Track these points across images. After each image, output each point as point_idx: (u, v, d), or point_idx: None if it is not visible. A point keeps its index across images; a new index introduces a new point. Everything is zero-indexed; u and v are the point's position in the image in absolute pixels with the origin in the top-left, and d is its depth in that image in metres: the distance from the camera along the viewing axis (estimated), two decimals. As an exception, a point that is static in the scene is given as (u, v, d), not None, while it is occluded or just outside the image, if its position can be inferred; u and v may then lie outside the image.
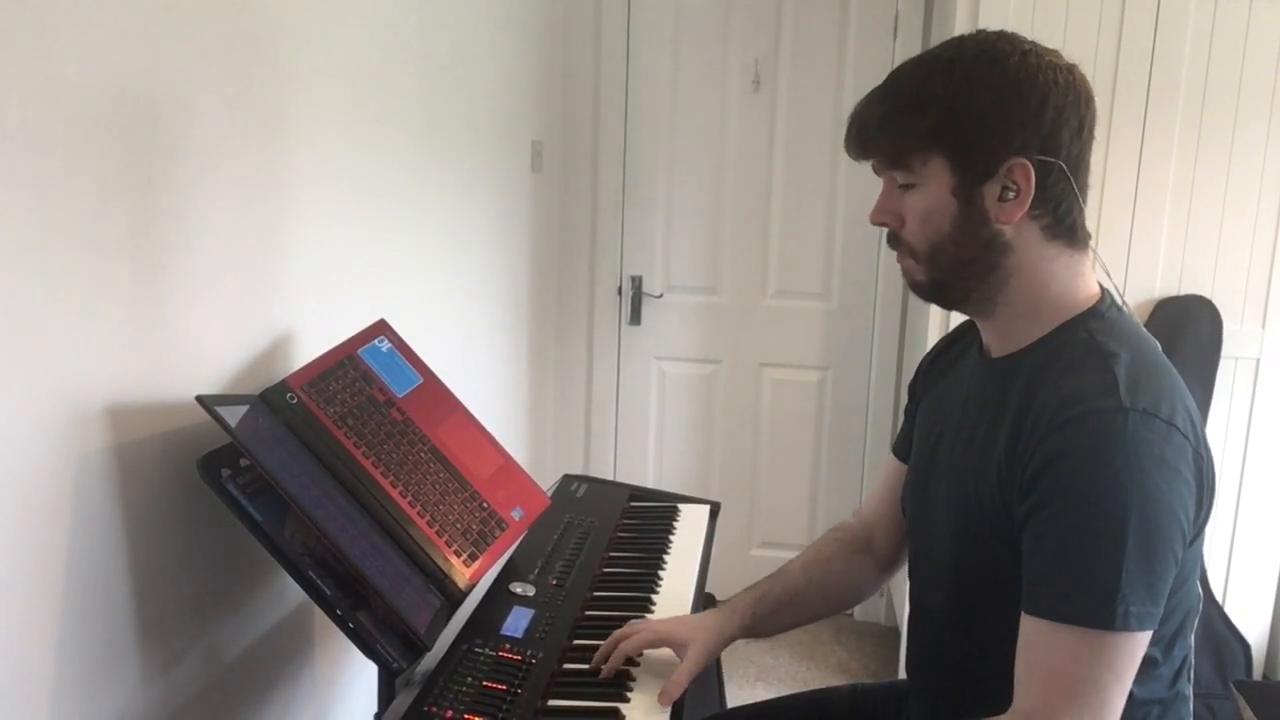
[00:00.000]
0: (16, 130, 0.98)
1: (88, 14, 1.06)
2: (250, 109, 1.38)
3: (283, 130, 1.47)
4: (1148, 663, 1.09)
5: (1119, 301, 1.15)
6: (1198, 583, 1.13)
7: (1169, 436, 1.00)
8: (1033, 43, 1.08)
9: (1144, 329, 1.13)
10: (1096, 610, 0.98)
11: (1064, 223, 1.10)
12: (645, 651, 1.32)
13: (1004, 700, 1.05)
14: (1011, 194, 1.06)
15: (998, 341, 1.17)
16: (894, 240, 1.15)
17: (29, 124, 0.99)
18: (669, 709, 1.23)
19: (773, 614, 1.37)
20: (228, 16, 1.32)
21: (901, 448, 1.39)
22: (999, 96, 1.05)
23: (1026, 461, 1.04)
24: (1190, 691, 1.16)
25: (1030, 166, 1.05)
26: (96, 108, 1.09)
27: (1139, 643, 1.01)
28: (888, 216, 1.14)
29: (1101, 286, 1.15)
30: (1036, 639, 1.03)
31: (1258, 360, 2.51)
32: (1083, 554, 0.99)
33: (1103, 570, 0.98)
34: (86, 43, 1.07)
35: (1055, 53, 1.09)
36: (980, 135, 1.05)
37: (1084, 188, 1.10)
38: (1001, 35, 1.09)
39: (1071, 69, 1.08)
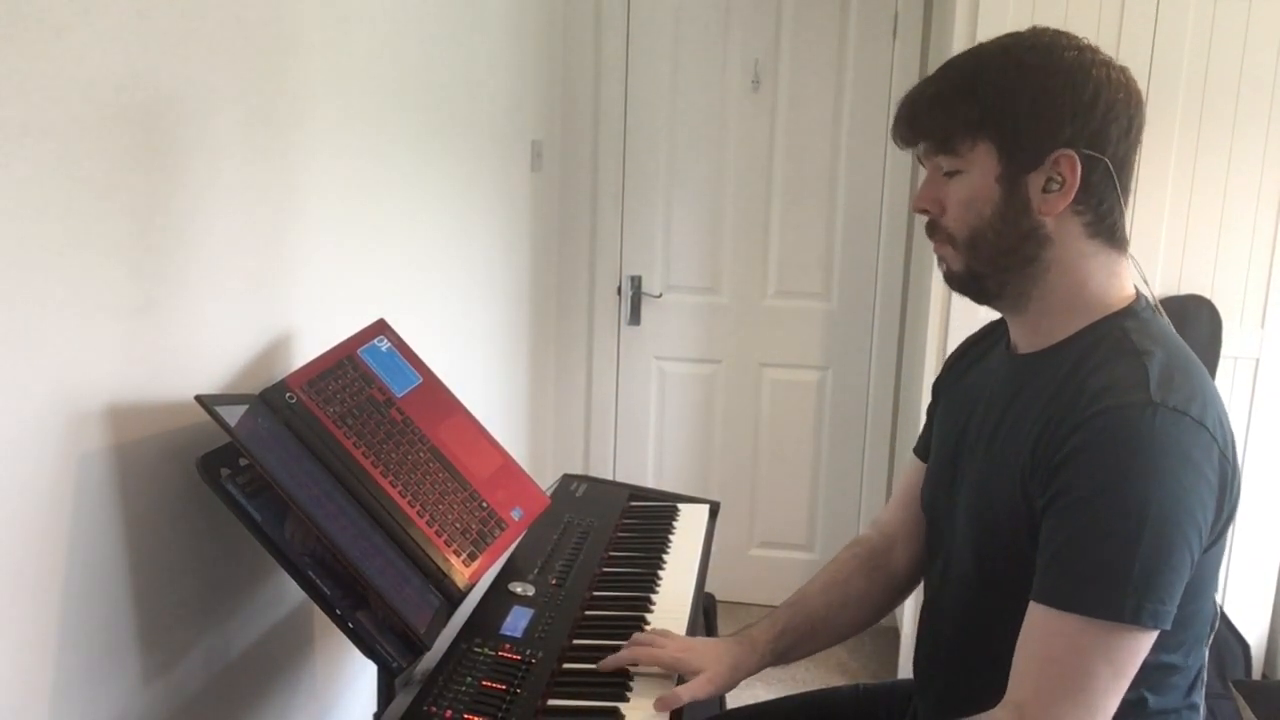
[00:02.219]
0: (19, 128, 0.98)
1: (92, 14, 1.06)
2: (251, 109, 1.38)
3: (282, 131, 1.47)
4: (1167, 670, 1.08)
5: (1154, 305, 1.14)
6: (1215, 593, 1.13)
7: (1197, 435, 0.99)
8: (1090, 43, 1.09)
9: (1176, 333, 1.13)
10: (1104, 600, 0.97)
11: (1105, 221, 1.09)
12: None
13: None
14: (1056, 186, 1.06)
15: (1028, 337, 1.16)
16: (932, 228, 1.15)
17: (32, 122, 0.99)
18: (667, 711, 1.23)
19: (794, 646, 1.34)
20: (228, 19, 1.32)
21: (922, 448, 1.39)
22: (1052, 85, 1.05)
23: (1053, 454, 1.03)
24: (1201, 702, 1.15)
25: (1077, 159, 1.05)
26: (99, 108, 1.08)
27: (1144, 641, 1.00)
28: (930, 204, 1.14)
29: (1136, 289, 1.14)
30: (1039, 626, 1.02)
31: (1257, 360, 2.51)
32: (1096, 544, 0.98)
33: (1115, 562, 0.97)
34: (92, 43, 1.06)
35: (1109, 55, 1.09)
36: (1030, 123, 1.06)
37: (1126, 190, 1.10)
38: (1059, 31, 1.10)
39: (1124, 70, 1.08)
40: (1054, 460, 1.03)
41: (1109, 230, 1.10)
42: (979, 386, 1.24)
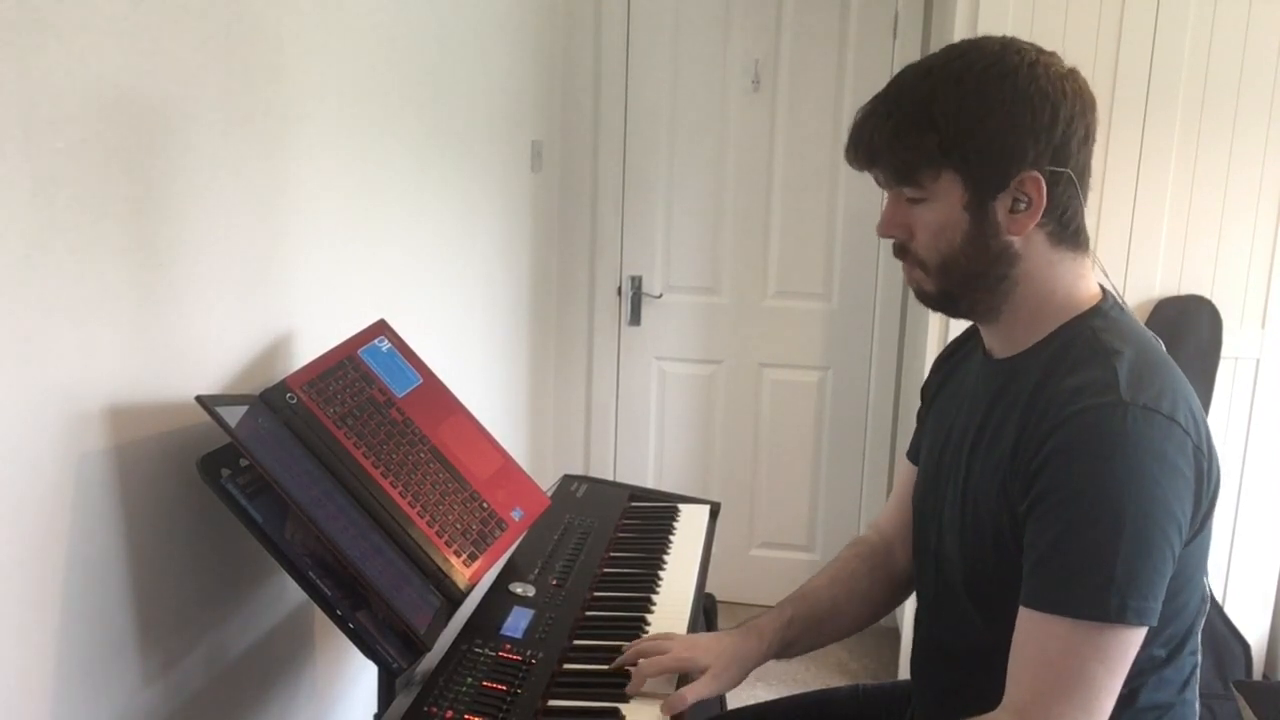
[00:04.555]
0: (17, 131, 0.98)
1: (88, 17, 1.06)
2: (251, 110, 1.38)
3: (283, 131, 1.47)
4: (1154, 663, 1.09)
5: (1120, 302, 1.15)
6: (1205, 585, 1.13)
7: (1170, 432, 1.01)
8: (1035, 49, 1.08)
9: (1146, 328, 1.14)
10: (1090, 602, 0.99)
11: (1069, 228, 1.11)
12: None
13: None
14: (1023, 205, 1.07)
15: (1001, 343, 1.17)
16: (901, 251, 1.15)
17: (31, 125, 0.99)
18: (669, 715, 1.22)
19: (800, 638, 1.34)
20: (225, 20, 1.32)
21: (913, 451, 1.40)
22: (1012, 112, 1.05)
23: (1030, 458, 1.05)
24: (1197, 698, 1.16)
25: (1042, 179, 1.06)
26: (99, 110, 1.08)
27: (1133, 637, 1.01)
28: (896, 230, 1.14)
29: (1102, 286, 1.15)
30: (1031, 631, 1.03)
31: (1258, 360, 2.51)
32: (1079, 546, 1.00)
33: (1098, 562, 0.99)
34: (89, 47, 1.06)
35: (1055, 57, 1.09)
36: (993, 150, 1.06)
37: (1086, 191, 1.11)
38: (1005, 45, 1.08)
39: (1074, 75, 1.09)
40: (1032, 465, 1.04)
41: (1073, 236, 1.12)
42: (961, 390, 1.25)
